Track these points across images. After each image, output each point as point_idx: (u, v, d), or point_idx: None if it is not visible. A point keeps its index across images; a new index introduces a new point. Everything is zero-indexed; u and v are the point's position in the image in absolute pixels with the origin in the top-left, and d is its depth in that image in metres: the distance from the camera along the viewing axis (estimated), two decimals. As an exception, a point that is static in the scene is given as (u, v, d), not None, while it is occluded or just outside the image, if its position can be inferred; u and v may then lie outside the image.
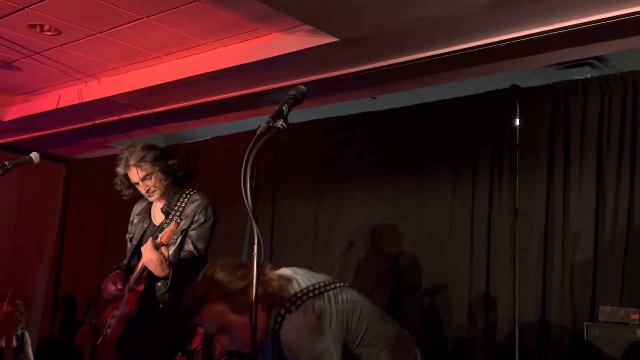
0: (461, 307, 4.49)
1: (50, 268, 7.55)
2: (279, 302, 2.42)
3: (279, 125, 2.10)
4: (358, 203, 5.16)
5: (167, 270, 3.24)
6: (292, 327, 2.38)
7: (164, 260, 3.21)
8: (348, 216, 5.21)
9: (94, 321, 3.52)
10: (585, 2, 3.52)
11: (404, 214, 4.90)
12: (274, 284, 2.42)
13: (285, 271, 2.58)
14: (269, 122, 2.08)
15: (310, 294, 2.45)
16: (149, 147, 3.57)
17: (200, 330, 5.25)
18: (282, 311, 2.41)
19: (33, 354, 6.29)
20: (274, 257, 5.53)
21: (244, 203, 1.97)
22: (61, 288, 7.35)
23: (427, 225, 4.78)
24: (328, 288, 2.50)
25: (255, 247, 1.99)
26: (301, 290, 2.45)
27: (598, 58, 5.14)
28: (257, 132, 2.05)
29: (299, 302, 2.42)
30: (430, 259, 4.72)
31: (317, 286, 2.49)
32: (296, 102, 2.19)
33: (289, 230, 5.56)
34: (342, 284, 2.57)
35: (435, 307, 4.64)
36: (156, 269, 3.23)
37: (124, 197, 3.69)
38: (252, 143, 1.98)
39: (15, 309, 5.75)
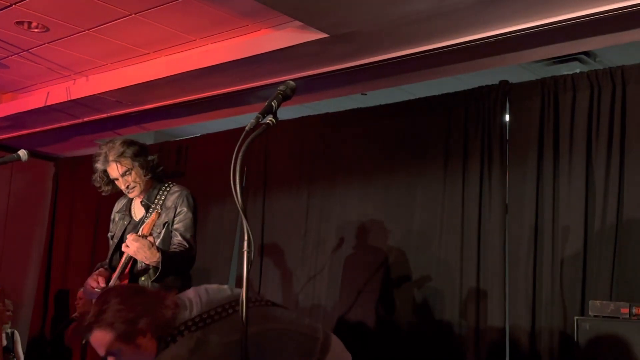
0: (452, 301, 4.50)
1: (40, 266, 7.49)
2: (170, 330, 2.37)
3: (268, 121, 2.09)
4: (348, 199, 5.16)
5: (157, 254, 3.20)
6: (161, 356, 2.34)
7: (151, 245, 3.18)
8: (339, 212, 5.21)
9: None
10: (573, -3, 3.54)
11: (394, 209, 4.90)
12: (168, 312, 2.38)
13: (188, 295, 2.52)
14: (258, 118, 2.07)
15: (201, 324, 2.38)
16: (128, 143, 3.55)
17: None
18: (169, 339, 2.36)
19: (23, 352, 6.27)
20: (264, 253, 5.54)
21: (234, 200, 1.96)
22: (51, 286, 7.31)
23: (417, 221, 4.79)
24: (224, 314, 2.42)
25: (245, 243, 1.98)
26: (192, 319, 2.40)
27: (587, 53, 5.16)
28: (246, 128, 2.04)
29: (185, 332, 2.36)
30: (420, 254, 4.72)
31: (211, 313, 2.42)
32: (285, 97, 2.18)
33: (280, 227, 5.55)
34: (234, 308, 2.44)
35: (427, 302, 4.65)
36: (146, 255, 3.19)
37: (103, 194, 3.67)
38: (241, 139, 1.97)
39: (3, 308, 5.72)
